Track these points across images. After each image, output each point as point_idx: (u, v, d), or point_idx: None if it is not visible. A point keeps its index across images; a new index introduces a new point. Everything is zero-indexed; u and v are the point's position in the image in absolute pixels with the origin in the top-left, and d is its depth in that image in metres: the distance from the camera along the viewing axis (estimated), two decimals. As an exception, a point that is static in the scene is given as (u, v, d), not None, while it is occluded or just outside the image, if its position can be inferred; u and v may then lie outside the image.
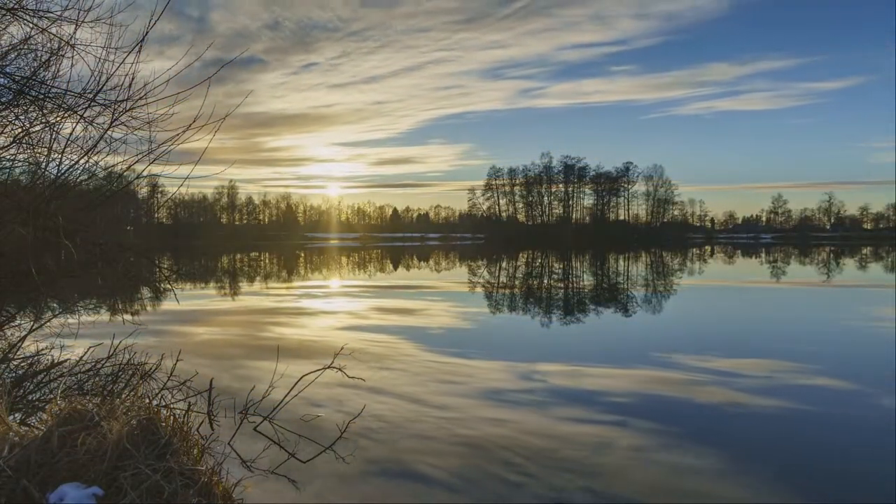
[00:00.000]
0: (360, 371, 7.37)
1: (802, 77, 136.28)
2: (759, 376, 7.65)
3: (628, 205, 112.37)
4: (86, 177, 5.70)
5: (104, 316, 12.97)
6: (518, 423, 5.77)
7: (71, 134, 5.36)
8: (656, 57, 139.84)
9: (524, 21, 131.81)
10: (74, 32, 5.20)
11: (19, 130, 5.78)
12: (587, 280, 25.44)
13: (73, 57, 5.23)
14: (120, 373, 6.04)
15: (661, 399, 6.66)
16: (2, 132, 5.77)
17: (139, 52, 4.91)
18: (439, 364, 8.33)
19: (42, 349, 6.69)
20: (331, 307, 15.30)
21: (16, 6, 5.28)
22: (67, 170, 5.44)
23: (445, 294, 19.04)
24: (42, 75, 5.45)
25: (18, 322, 7.18)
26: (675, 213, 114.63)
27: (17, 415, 4.57)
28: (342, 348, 6.76)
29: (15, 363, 6.15)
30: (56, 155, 5.37)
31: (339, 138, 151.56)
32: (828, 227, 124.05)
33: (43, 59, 5.52)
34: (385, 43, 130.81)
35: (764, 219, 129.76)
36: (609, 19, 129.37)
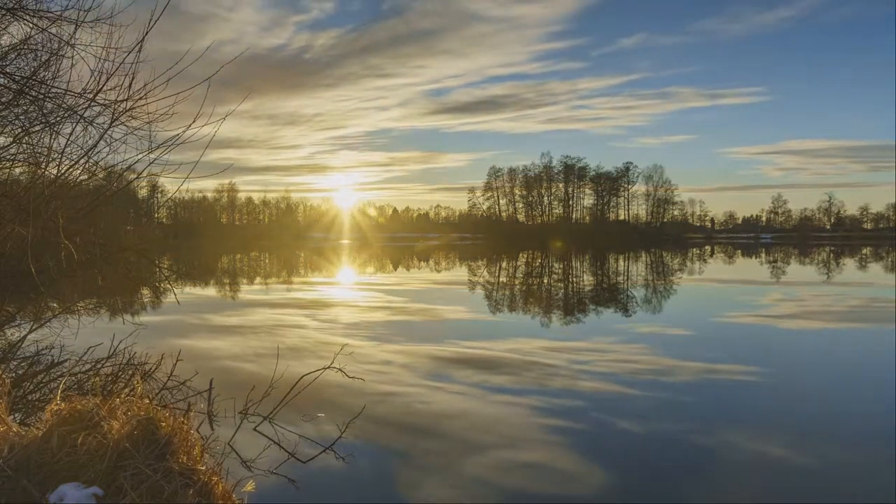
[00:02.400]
0: (360, 371, 7.36)
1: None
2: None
3: (628, 205, 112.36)
4: (86, 177, 5.71)
5: (104, 316, 12.97)
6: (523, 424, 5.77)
7: (71, 134, 5.36)
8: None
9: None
10: (74, 32, 5.21)
11: (19, 130, 5.78)
12: (586, 280, 25.45)
13: (73, 57, 5.23)
14: (120, 373, 6.05)
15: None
16: (2, 132, 5.77)
17: (139, 52, 4.92)
18: (439, 361, 8.33)
19: (42, 349, 6.69)
20: (331, 306, 15.30)
21: (16, 6, 5.29)
22: (67, 170, 5.44)
23: (446, 293, 19.05)
24: (42, 75, 5.45)
25: (18, 322, 7.19)
26: (675, 213, 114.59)
27: (17, 415, 4.58)
28: (342, 348, 6.77)
29: (15, 363, 6.15)
30: (56, 155, 5.38)
31: (278, 153, 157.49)
32: (828, 227, 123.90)
33: (43, 59, 5.53)
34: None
35: (764, 219, 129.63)
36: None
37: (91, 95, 5.11)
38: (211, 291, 19.98)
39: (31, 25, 5.38)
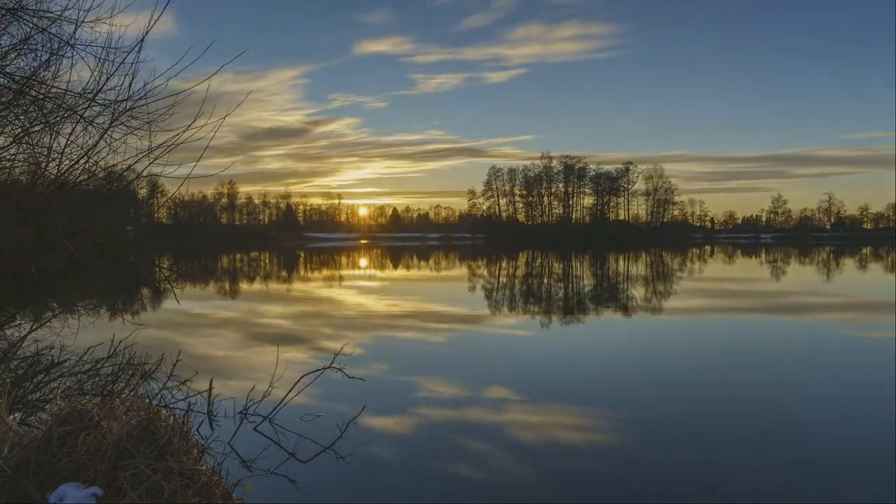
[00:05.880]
0: (360, 370, 7.36)
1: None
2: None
3: (628, 205, 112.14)
4: (86, 177, 5.70)
5: (104, 316, 12.97)
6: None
7: (71, 134, 5.35)
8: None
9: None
10: (74, 32, 5.20)
11: (19, 130, 5.77)
12: (585, 281, 25.46)
13: (73, 57, 5.23)
14: (120, 373, 6.05)
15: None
16: (2, 132, 5.77)
17: (139, 52, 4.92)
18: (436, 361, 8.34)
19: (42, 349, 6.69)
20: (332, 305, 15.29)
21: (16, 6, 5.28)
22: (67, 170, 5.44)
23: (445, 291, 19.06)
24: (42, 75, 5.44)
25: (18, 322, 7.18)
26: (675, 213, 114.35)
27: (17, 415, 4.57)
28: (342, 348, 6.76)
29: (15, 363, 6.15)
30: (56, 155, 5.37)
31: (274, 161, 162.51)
32: (828, 227, 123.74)
33: (43, 59, 5.52)
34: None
35: (764, 219, 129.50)
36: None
37: (91, 95, 5.10)
38: (211, 291, 19.97)
39: (31, 25, 5.38)
